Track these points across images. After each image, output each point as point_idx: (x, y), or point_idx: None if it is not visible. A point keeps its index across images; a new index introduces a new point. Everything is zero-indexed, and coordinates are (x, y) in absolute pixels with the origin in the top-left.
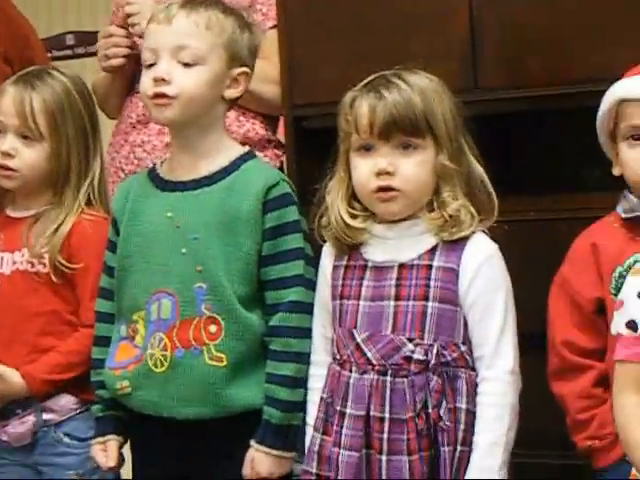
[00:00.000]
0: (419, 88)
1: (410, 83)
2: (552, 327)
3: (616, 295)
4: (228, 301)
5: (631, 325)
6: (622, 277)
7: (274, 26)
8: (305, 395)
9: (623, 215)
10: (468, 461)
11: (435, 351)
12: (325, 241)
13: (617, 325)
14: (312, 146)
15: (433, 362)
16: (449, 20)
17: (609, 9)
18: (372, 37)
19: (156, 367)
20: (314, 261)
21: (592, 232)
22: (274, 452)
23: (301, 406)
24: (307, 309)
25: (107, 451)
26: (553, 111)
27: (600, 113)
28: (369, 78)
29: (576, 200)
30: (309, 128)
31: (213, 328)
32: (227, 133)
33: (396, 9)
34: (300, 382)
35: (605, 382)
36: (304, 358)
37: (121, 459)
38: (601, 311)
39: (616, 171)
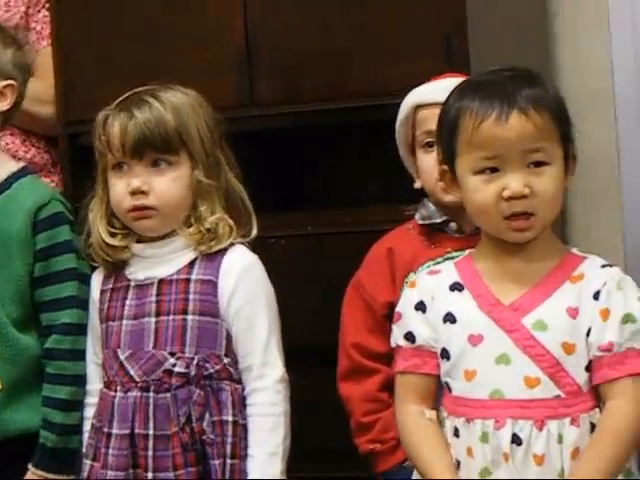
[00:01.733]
0: (172, 105)
1: (162, 100)
2: (344, 329)
3: None
4: (0, 324)
5: (408, 337)
6: None
7: (49, 44)
8: (82, 418)
9: (420, 222)
10: (240, 473)
11: (196, 363)
12: (94, 260)
13: (396, 337)
14: (88, 163)
15: (194, 374)
16: (224, 36)
17: (385, 27)
18: (148, 53)
19: None
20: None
21: (390, 237)
22: (50, 476)
23: (77, 429)
24: (81, 331)
25: None
26: (331, 126)
27: (398, 123)
28: (123, 97)
29: (351, 214)
30: (85, 145)
31: None
32: (1, 150)
33: (171, 26)
34: (75, 405)
35: (391, 387)
36: (79, 381)
37: None
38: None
39: (417, 184)
